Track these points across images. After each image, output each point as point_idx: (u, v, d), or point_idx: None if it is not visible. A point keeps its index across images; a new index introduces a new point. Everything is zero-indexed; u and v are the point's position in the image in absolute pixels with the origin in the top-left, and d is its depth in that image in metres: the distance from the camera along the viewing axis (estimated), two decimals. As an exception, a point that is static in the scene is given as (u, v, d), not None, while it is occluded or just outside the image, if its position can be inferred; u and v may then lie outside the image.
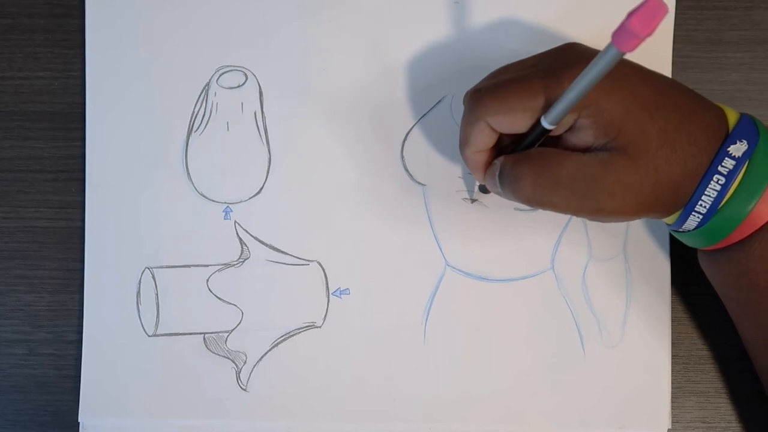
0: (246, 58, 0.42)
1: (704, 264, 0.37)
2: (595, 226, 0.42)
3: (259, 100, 0.42)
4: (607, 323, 0.42)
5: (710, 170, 0.32)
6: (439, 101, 0.42)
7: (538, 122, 0.33)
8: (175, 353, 0.42)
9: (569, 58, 0.33)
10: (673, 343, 0.42)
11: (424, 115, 0.42)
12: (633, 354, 0.41)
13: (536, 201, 0.34)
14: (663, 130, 0.32)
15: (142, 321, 0.42)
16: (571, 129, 0.33)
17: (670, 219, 0.35)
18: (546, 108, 0.32)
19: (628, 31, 0.25)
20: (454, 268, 0.42)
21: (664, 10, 0.24)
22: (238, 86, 0.42)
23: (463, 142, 0.36)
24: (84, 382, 0.42)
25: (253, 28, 0.42)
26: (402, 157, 0.42)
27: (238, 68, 0.42)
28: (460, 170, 0.42)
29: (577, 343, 0.42)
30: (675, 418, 0.42)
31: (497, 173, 0.35)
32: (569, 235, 0.42)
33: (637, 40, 0.25)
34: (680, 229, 0.35)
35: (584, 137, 0.33)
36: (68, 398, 0.42)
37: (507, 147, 0.36)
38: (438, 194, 0.42)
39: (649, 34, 0.25)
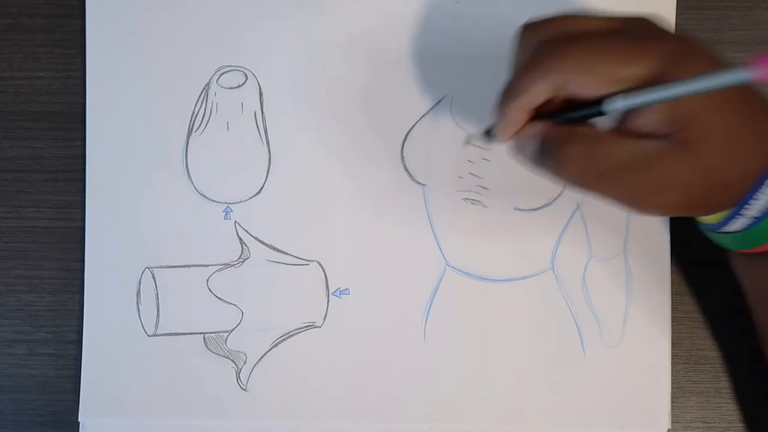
0: (246, 58, 0.42)
1: (738, 265, 0.37)
2: (595, 226, 0.42)
3: (259, 100, 0.42)
4: (607, 323, 0.42)
5: (766, 173, 0.31)
6: (439, 101, 0.42)
7: (604, 97, 0.30)
8: (175, 353, 0.42)
9: (660, 35, 0.31)
10: (673, 343, 0.42)
11: (424, 115, 0.42)
12: (633, 354, 0.41)
13: (578, 184, 0.32)
14: (727, 129, 0.30)
15: (142, 321, 0.42)
16: (636, 110, 0.30)
17: (712, 218, 0.34)
18: (630, 81, 0.29)
19: None
20: (454, 268, 0.42)
21: None
22: (238, 86, 0.42)
23: (513, 93, 0.32)
24: (84, 382, 0.42)
25: (253, 28, 0.42)
26: (402, 157, 0.42)
27: (238, 68, 0.42)
28: (461, 170, 0.42)
29: (577, 343, 0.42)
30: (675, 418, 0.42)
31: (539, 142, 0.32)
32: (569, 235, 0.42)
33: None
34: (720, 230, 0.34)
35: (648, 123, 0.30)
36: (68, 398, 0.42)
37: (551, 110, 0.33)
38: (438, 194, 0.42)
39: None
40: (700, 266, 0.42)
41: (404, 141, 0.42)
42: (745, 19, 0.43)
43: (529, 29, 0.33)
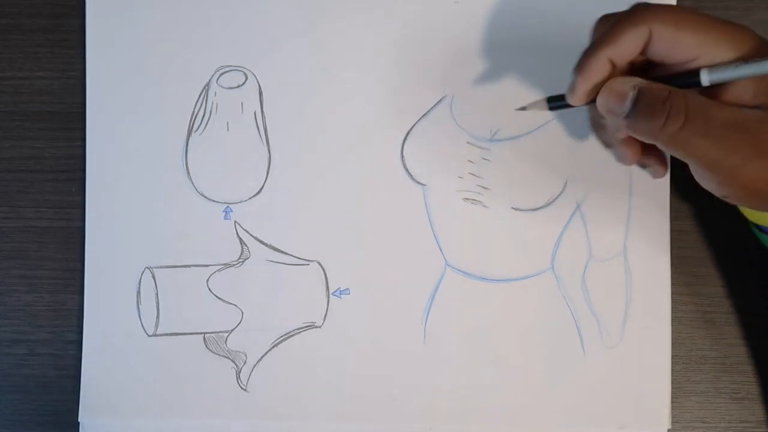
0: (246, 58, 0.42)
1: None
2: (595, 226, 0.42)
3: (259, 100, 0.42)
4: (607, 323, 0.42)
5: None
6: (439, 101, 0.42)
7: (695, 72, 0.31)
8: (175, 353, 0.42)
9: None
10: (673, 343, 0.42)
11: (424, 115, 0.42)
12: (633, 354, 0.41)
13: (678, 141, 0.31)
14: None
15: (142, 321, 0.42)
16: (726, 83, 0.31)
17: None
18: (715, 44, 0.31)
19: None
20: (454, 268, 0.42)
21: None
22: (238, 86, 0.42)
23: (600, 43, 0.32)
24: (84, 382, 0.42)
25: (253, 28, 0.42)
26: (402, 157, 0.42)
27: (238, 68, 0.42)
28: (460, 170, 0.42)
29: (577, 343, 0.42)
30: (675, 418, 0.42)
31: (632, 95, 0.32)
32: (569, 235, 0.42)
33: None
34: None
35: (741, 94, 0.31)
36: (68, 398, 0.42)
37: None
38: (438, 194, 0.42)
39: None
40: (700, 266, 0.42)
41: (404, 141, 0.42)
42: (745, 19, 0.42)
43: (610, 15, 0.34)
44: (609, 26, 0.32)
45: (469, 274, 0.42)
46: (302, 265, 0.42)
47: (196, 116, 0.42)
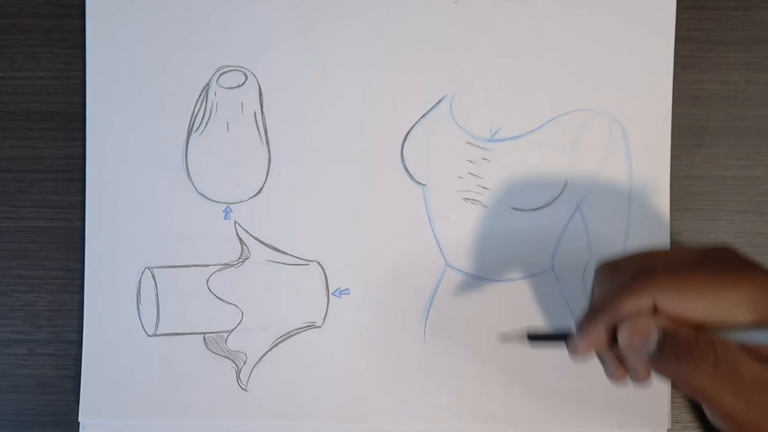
0: (246, 58, 0.42)
1: None
2: (595, 226, 0.42)
3: (259, 100, 0.42)
4: (607, 323, 0.42)
5: None
6: (439, 101, 0.42)
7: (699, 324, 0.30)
8: (175, 353, 0.42)
9: (748, 265, 0.31)
10: (673, 343, 0.42)
11: (424, 115, 0.42)
12: (633, 354, 0.41)
13: (705, 391, 0.30)
14: None
15: (142, 321, 0.42)
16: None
17: None
18: (726, 303, 0.30)
19: None
20: (454, 268, 0.42)
21: None
22: (238, 86, 0.42)
23: (600, 311, 0.31)
24: (84, 382, 0.42)
25: (252, 28, 0.42)
26: (402, 157, 0.42)
27: (238, 68, 0.42)
28: (460, 170, 0.42)
29: (577, 343, 0.41)
30: (675, 418, 0.42)
31: (656, 336, 0.30)
32: (569, 235, 0.42)
33: None
34: None
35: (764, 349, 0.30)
36: (68, 398, 0.42)
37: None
38: (438, 194, 0.42)
39: None
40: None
41: (404, 141, 0.42)
42: (745, 19, 0.43)
43: (610, 266, 0.33)
44: (611, 291, 0.32)
45: (469, 274, 0.42)
46: (302, 265, 0.42)
47: (196, 116, 0.42)
